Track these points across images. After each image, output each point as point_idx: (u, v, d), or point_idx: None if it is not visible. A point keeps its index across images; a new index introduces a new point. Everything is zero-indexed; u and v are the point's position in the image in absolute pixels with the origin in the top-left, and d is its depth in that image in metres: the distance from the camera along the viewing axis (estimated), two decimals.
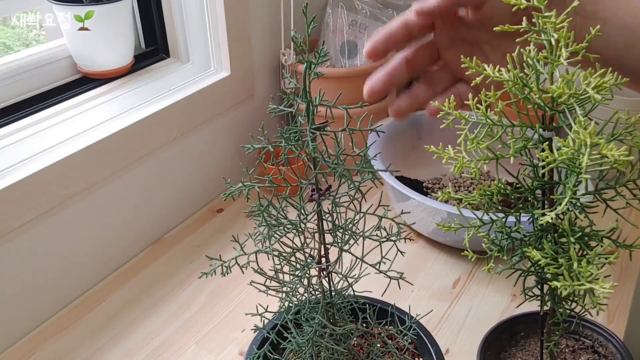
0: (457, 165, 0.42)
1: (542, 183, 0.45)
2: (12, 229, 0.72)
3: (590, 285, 0.37)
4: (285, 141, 0.49)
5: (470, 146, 0.42)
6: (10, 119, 0.82)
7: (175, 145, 0.94)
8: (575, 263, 0.39)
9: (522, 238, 0.47)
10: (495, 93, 0.41)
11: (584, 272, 0.38)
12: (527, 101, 0.41)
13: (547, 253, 0.41)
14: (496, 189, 0.46)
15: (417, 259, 0.90)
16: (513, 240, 0.48)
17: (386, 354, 0.63)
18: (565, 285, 0.38)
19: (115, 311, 0.82)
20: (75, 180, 0.78)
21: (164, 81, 0.96)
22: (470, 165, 0.42)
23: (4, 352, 0.76)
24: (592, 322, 0.60)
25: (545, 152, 0.39)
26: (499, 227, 0.47)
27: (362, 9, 1.07)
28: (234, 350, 0.75)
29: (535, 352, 0.60)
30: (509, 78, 0.40)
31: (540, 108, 0.41)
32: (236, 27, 0.97)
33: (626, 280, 0.84)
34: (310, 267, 0.54)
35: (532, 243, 0.47)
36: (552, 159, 0.38)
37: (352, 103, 0.49)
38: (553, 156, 0.38)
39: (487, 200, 0.46)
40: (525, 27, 0.40)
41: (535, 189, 0.46)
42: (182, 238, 0.96)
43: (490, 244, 0.48)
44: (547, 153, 0.38)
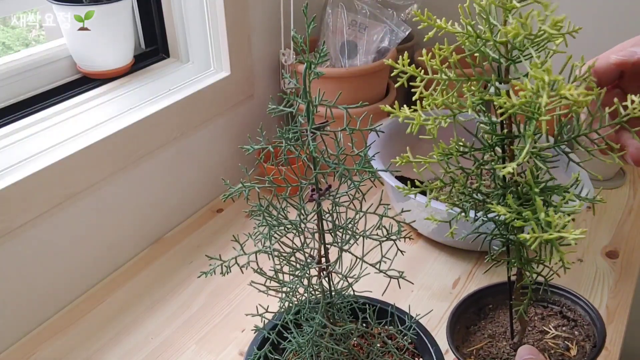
0: (414, 124, 0.41)
1: (502, 137, 0.43)
2: (12, 229, 0.72)
3: (560, 233, 0.35)
4: (285, 141, 0.49)
5: (426, 102, 0.41)
6: (10, 119, 0.82)
7: (175, 145, 0.94)
8: (543, 213, 0.37)
9: (485, 198, 0.46)
10: (448, 47, 0.40)
11: (552, 221, 0.36)
12: (481, 54, 0.40)
13: (511, 208, 0.39)
14: (455, 147, 0.45)
15: (417, 259, 0.90)
16: (476, 202, 0.46)
17: (386, 354, 0.63)
18: (534, 236, 0.36)
19: (115, 311, 0.82)
20: (75, 180, 0.78)
21: (164, 81, 0.96)
22: (427, 123, 0.41)
23: (4, 352, 0.76)
24: (559, 287, 0.59)
25: (502, 98, 0.37)
26: (460, 185, 0.46)
27: (362, 9, 1.07)
28: (234, 350, 0.75)
29: (504, 322, 0.58)
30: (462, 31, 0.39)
31: (494, 60, 0.40)
32: (236, 27, 0.97)
33: (626, 280, 0.84)
34: (310, 267, 0.54)
35: (495, 200, 0.45)
36: (509, 104, 0.37)
37: (351, 103, 0.49)
38: (511, 101, 0.37)
39: (446, 160, 0.45)
40: None
41: (495, 145, 0.44)
42: (182, 238, 0.96)
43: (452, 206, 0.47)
44: (504, 99, 0.37)
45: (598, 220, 0.96)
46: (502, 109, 0.38)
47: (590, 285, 0.83)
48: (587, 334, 0.56)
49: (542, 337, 0.56)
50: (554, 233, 0.36)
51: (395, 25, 1.05)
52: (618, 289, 0.82)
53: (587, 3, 1.07)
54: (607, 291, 0.82)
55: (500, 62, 0.40)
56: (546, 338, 0.56)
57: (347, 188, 0.51)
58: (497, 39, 0.39)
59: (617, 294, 0.81)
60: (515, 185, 0.44)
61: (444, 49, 0.40)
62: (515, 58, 0.40)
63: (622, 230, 0.94)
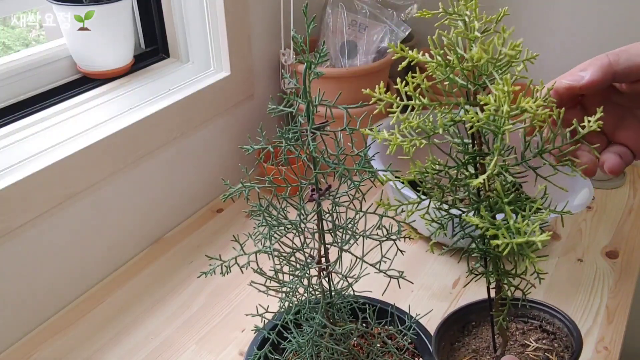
0: (392, 145, 0.45)
1: (473, 154, 0.47)
2: (12, 229, 0.72)
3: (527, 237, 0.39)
4: (285, 141, 0.49)
5: (403, 126, 0.44)
6: (10, 119, 0.82)
7: (175, 145, 0.94)
8: (512, 220, 0.41)
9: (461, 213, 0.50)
10: (420, 75, 0.44)
11: (521, 227, 0.40)
12: (451, 81, 0.44)
13: (484, 218, 0.43)
14: (430, 165, 0.48)
15: (417, 259, 0.90)
16: (452, 217, 0.50)
17: (386, 354, 0.63)
18: (505, 242, 0.40)
19: (115, 311, 0.82)
20: (75, 180, 0.78)
21: (164, 81, 0.96)
22: (403, 144, 0.44)
23: (4, 352, 0.76)
24: (538, 302, 0.62)
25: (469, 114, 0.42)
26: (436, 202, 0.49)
27: (362, 9, 1.07)
28: (234, 350, 0.75)
29: (487, 338, 0.60)
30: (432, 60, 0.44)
31: (463, 86, 0.45)
32: (236, 27, 0.97)
33: (626, 280, 0.84)
34: (310, 267, 0.54)
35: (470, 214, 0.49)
36: (476, 118, 0.41)
37: (351, 103, 0.49)
38: (477, 116, 0.41)
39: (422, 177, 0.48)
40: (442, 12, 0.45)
41: (468, 163, 0.48)
42: (182, 238, 0.96)
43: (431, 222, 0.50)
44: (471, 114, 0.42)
45: (598, 220, 0.96)
46: (470, 123, 0.42)
47: (590, 285, 0.83)
48: (566, 345, 0.58)
49: (524, 350, 0.58)
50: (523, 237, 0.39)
51: (395, 25, 1.05)
52: (618, 289, 0.82)
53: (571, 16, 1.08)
54: (607, 291, 0.82)
55: (468, 88, 0.45)
56: (527, 351, 0.58)
57: (347, 188, 0.51)
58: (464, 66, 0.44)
59: (617, 294, 0.81)
60: (487, 199, 0.48)
61: (416, 77, 0.44)
62: (481, 83, 0.45)
63: (622, 230, 0.94)
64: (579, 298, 0.81)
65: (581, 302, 0.80)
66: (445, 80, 0.45)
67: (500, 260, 0.51)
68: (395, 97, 0.45)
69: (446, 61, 0.44)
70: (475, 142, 0.47)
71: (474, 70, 0.44)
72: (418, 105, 0.45)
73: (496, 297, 0.54)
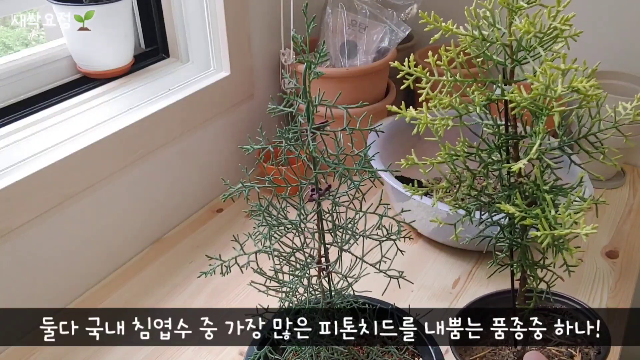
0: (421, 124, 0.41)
1: (508, 137, 0.43)
2: (12, 229, 0.72)
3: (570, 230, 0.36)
4: (285, 141, 0.49)
5: (432, 104, 0.41)
6: (10, 119, 0.82)
7: (175, 145, 0.94)
8: (553, 210, 0.37)
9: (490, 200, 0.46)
10: (455, 48, 0.40)
11: (563, 218, 0.37)
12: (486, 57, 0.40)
13: (520, 207, 0.40)
14: (462, 148, 0.45)
15: (417, 259, 0.90)
16: (481, 204, 0.46)
17: (386, 353, 0.63)
18: (545, 233, 0.36)
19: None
20: (75, 180, 0.78)
21: (164, 81, 0.96)
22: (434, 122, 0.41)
23: (4, 352, 0.76)
24: (561, 294, 0.59)
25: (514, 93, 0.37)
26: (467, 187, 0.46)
27: (362, 9, 1.07)
28: (234, 350, 0.75)
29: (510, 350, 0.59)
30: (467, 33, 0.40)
31: (499, 63, 0.41)
32: (236, 27, 0.97)
33: (626, 280, 0.84)
34: (310, 267, 0.54)
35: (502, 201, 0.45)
36: (522, 98, 0.37)
37: (351, 103, 0.49)
38: (523, 96, 0.37)
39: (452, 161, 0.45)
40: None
41: (501, 146, 0.44)
42: (182, 238, 0.96)
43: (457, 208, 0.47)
44: (517, 93, 0.37)
45: (598, 220, 0.96)
46: (514, 104, 0.37)
47: (590, 285, 0.83)
48: (590, 341, 0.56)
49: (545, 345, 0.56)
50: (565, 229, 0.36)
51: (395, 25, 1.05)
52: (618, 289, 0.82)
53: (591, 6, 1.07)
54: (607, 291, 0.82)
55: (505, 65, 0.41)
56: (549, 346, 0.56)
57: (347, 188, 0.51)
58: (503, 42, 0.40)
59: (617, 294, 0.81)
60: (520, 186, 0.44)
61: (450, 50, 0.40)
62: (520, 59, 0.40)
63: (622, 230, 0.94)
64: (579, 298, 0.81)
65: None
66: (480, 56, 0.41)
67: (529, 251, 0.48)
68: (426, 71, 0.41)
69: (482, 35, 0.40)
70: (510, 123, 0.43)
71: (512, 46, 0.40)
72: (450, 81, 0.41)
73: (521, 289, 0.51)
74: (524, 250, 0.48)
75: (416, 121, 0.41)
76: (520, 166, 0.38)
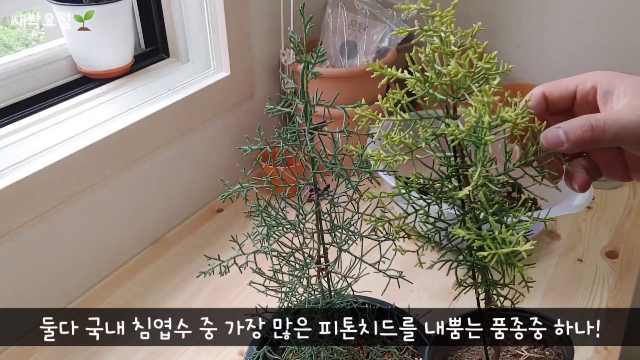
0: (376, 161, 0.45)
1: (456, 167, 0.48)
2: (12, 229, 0.72)
3: (512, 247, 0.40)
4: (283, 141, 0.49)
5: (385, 142, 0.45)
6: (10, 119, 0.82)
7: (175, 145, 0.94)
8: (497, 231, 0.41)
9: (447, 226, 0.50)
10: (400, 91, 0.45)
11: (505, 237, 0.41)
12: (431, 96, 0.45)
13: (470, 230, 0.44)
14: (415, 179, 0.49)
15: (416, 259, 0.89)
16: (439, 230, 0.50)
17: (386, 353, 0.63)
18: (491, 253, 0.40)
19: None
20: (75, 180, 0.78)
21: (164, 81, 0.96)
22: (387, 159, 0.45)
23: (4, 352, 0.76)
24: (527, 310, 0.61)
25: (451, 127, 0.42)
26: (422, 215, 0.50)
27: (362, 9, 1.07)
28: (234, 350, 0.75)
29: (479, 350, 0.61)
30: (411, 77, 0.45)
31: (442, 101, 0.45)
32: (236, 27, 0.97)
33: (626, 280, 0.83)
34: (310, 267, 0.54)
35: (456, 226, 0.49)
36: (458, 131, 0.42)
37: (352, 103, 0.49)
38: (458, 128, 0.42)
39: (407, 191, 0.48)
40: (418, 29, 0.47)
41: (451, 176, 0.48)
42: (182, 238, 0.96)
43: (418, 237, 0.51)
44: (453, 127, 0.42)
45: (598, 220, 0.96)
46: (452, 136, 0.42)
47: (590, 285, 0.83)
48: (558, 353, 0.59)
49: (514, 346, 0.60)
50: (507, 247, 0.40)
51: (395, 25, 1.05)
52: (618, 289, 0.82)
53: None
54: (607, 291, 0.82)
55: (447, 102, 0.45)
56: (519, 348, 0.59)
57: (345, 188, 0.51)
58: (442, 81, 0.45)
59: (617, 294, 0.81)
60: (472, 211, 0.48)
61: (396, 93, 0.45)
62: (460, 97, 0.45)
63: (622, 230, 0.93)
64: (579, 298, 0.81)
65: (581, 302, 0.80)
66: (425, 95, 0.45)
67: (488, 271, 0.52)
68: (377, 113, 0.46)
69: (424, 77, 0.45)
70: (457, 154, 0.48)
71: (452, 85, 0.45)
72: (399, 120, 0.45)
73: (486, 308, 0.54)
74: (482, 271, 0.52)
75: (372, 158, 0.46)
76: (465, 192, 0.42)
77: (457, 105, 0.45)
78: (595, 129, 0.42)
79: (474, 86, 0.43)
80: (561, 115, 0.48)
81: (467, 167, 0.48)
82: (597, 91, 0.46)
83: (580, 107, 0.48)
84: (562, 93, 0.47)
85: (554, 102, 0.48)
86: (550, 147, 0.44)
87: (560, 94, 0.47)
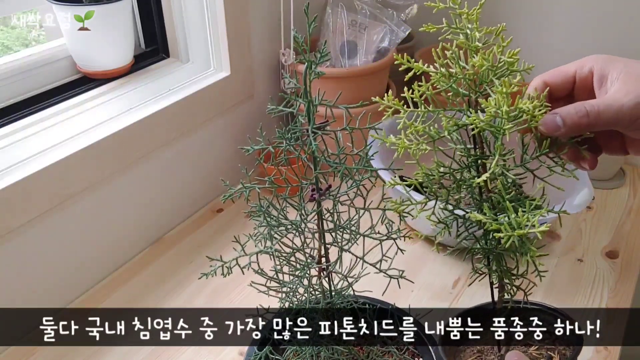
0: (400, 148, 0.48)
1: (475, 157, 0.50)
2: (12, 229, 0.72)
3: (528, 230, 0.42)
4: (285, 141, 0.49)
5: (409, 131, 0.48)
6: (10, 119, 0.82)
7: (175, 145, 0.94)
8: (513, 214, 0.44)
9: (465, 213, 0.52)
10: (426, 84, 0.47)
11: (521, 221, 0.43)
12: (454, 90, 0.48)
13: (487, 215, 0.46)
14: (436, 167, 0.51)
15: (417, 259, 0.90)
16: (457, 218, 0.52)
17: (386, 354, 0.63)
18: (507, 234, 0.42)
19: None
20: (75, 180, 0.78)
21: (164, 81, 0.96)
22: (411, 147, 0.47)
23: (4, 352, 0.76)
24: (537, 303, 0.62)
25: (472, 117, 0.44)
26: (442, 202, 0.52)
27: (362, 9, 1.07)
28: (234, 350, 0.75)
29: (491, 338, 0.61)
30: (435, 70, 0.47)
31: (465, 95, 0.48)
32: (236, 27, 0.97)
33: (626, 280, 0.84)
34: (311, 267, 0.54)
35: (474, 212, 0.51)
36: (478, 120, 0.44)
37: (352, 102, 0.49)
38: (479, 118, 0.44)
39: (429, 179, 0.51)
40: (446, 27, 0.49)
41: (470, 166, 0.51)
42: (182, 238, 0.96)
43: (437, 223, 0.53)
44: (474, 117, 0.44)
45: (598, 220, 0.96)
46: (473, 125, 0.45)
47: (590, 285, 0.83)
48: (567, 343, 0.60)
49: (527, 349, 0.61)
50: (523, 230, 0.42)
51: (395, 25, 1.05)
52: (618, 289, 0.82)
53: None
54: (607, 291, 0.82)
55: (470, 96, 0.48)
56: (530, 350, 0.60)
57: (347, 187, 0.51)
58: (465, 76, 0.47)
59: (617, 294, 0.81)
60: (489, 199, 0.50)
61: (422, 86, 0.47)
62: (482, 91, 0.48)
63: (622, 230, 0.94)
64: (579, 298, 0.81)
65: (581, 302, 0.80)
66: (449, 89, 0.48)
67: (503, 259, 0.53)
68: (402, 103, 0.48)
69: (449, 72, 0.47)
70: (477, 145, 0.49)
71: (475, 79, 0.47)
72: (423, 112, 0.48)
73: (499, 297, 0.55)
74: (498, 259, 0.53)
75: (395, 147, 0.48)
76: (482, 180, 0.45)
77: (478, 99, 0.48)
78: (591, 114, 0.45)
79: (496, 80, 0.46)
80: (562, 100, 0.50)
81: (485, 158, 0.50)
82: (594, 75, 0.48)
83: (579, 90, 0.50)
84: (562, 80, 0.50)
85: (555, 89, 0.50)
86: (547, 132, 0.46)
87: (561, 81, 0.50)
